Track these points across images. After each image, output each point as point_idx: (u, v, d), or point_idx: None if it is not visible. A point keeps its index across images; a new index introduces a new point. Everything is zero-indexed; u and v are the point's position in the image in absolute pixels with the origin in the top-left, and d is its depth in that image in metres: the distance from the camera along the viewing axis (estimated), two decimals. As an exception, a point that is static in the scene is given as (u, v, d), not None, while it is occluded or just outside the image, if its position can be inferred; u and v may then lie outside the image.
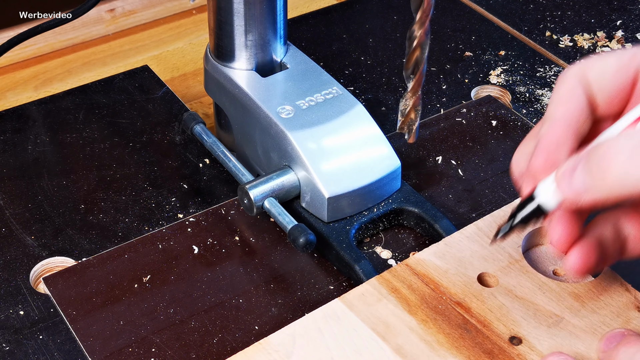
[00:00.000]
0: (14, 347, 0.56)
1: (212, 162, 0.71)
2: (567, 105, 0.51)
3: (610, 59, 0.51)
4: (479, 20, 0.88)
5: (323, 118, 0.63)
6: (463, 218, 0.65)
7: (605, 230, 0.52)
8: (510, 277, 0.55)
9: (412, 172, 0.69)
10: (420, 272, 0.56)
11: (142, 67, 0.80)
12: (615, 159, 0.44)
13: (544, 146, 0.50)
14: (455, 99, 0.78)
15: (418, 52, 0.52)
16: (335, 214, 0.62)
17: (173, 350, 0.56)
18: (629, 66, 0.50)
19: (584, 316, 0.52)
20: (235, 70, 0.67)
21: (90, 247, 0.63)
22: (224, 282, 0.60)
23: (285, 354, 0.51)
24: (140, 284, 0.60)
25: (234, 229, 0.64)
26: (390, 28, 0.87)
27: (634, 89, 0.51)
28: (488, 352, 0.51)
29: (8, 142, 0.72)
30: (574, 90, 0.51)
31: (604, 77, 0.51)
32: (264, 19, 0.65)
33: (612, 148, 0.44)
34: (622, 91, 0.51)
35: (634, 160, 0.43)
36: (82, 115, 0.75)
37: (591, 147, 0.46)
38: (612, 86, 0.51)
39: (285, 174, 0.63)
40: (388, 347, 0.51)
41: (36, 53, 0.86)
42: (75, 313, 0.58)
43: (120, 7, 0.89)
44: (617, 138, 0.44)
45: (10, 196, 0.67)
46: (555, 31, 0.87)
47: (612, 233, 0.52)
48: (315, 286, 0.60)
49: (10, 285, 0.60)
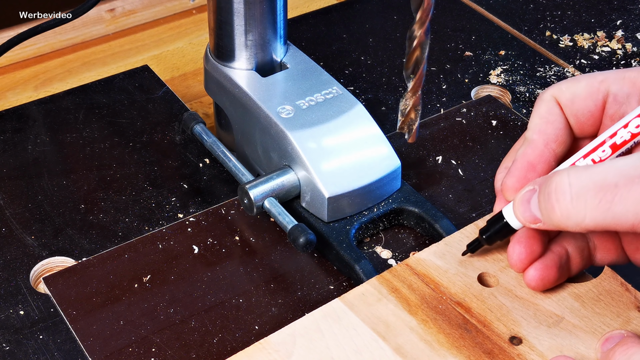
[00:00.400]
0: (14, 347, 0.56)
1: (212, 162, 0.71)
2: (545, 126, 0.53)
3: (580, 84, 0.53)
4: (479, 20, 0.88)
5: (323, 118, 0.63)
6: (463, 218, 0.65)
7: (572, 243, 0.54)
8: (510, 277, 0.55)
9: (412, 172, 0.69)
10: (421, 272, 0.56)
11: (142, 67, 0.80)
12: (560, 200, 0.46)
13: (518, 167, 0.53)
14: (455, 98, 0.78)
15: (418, 51, 0.52)
16: (336, 214, 0.62)
17: (173, 350, 0.56)
18: (599, 90, 0.52)
19: (584, 316, 0.52)
20: (236, 70, 0.67)
21: (90, 247, 0.63)
22: (224, 282, 0.60)
23: (286, 353, 0.51)
24: (140, 284, 0.60)
25: (234, 228, 0.64)
26: (391, 28, 0.87)
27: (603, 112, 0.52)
28: (488, 352, 0.51)
29: (8, 141, 0.72)
30: (551, 111, 0.53)
31: (574, 102, 0.53)
32: (264, 18, 0.65)
33: (558, 188, 0.46)
34: (593, 116, 0.53)
35: (577, 201, 0.45)
36: (82, 115, 0.75)
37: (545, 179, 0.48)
38: (583, 110, 0.53)
39: (285, 174, 0.63)
40: (388, 347, 0.51)
41: (36, 53, 0.86)
42: (76, 313, 0.58)
43: (120, 7, 0.89)
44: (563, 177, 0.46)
45: (10, 196, 0.67)
46: (555, 31, 0.87)
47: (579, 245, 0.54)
48: (316, 286, 0.60)
49: (10, 285, 0.60)
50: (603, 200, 0.45)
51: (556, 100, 0.53)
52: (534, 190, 0.49)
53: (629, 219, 0.45)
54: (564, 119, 0.53)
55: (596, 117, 0.53)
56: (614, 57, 0.83)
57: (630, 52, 0.84)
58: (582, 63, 0.82)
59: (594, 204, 0.45)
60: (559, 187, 0.46)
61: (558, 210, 0.46)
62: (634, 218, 0.44)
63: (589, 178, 0.45)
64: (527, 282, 0.53)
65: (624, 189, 0.44)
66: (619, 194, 0.44)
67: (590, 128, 0.53)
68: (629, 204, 0.44)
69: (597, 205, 0.45)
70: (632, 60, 0.83)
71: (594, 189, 0.45)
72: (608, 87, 0.52)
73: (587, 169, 0.46)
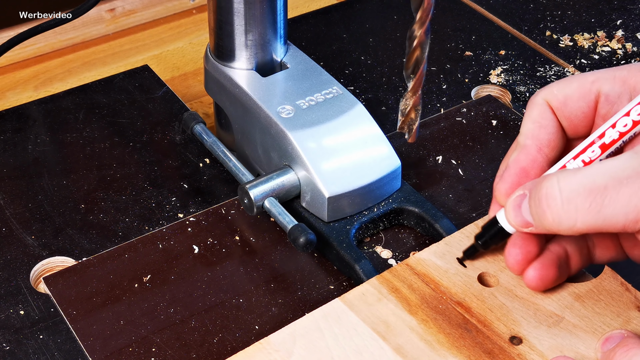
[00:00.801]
0: (14, 347, 0.56)
1: (212, 161, 0.71)
2: (538, 131, 0.53)
3: (572, 85, 0.53)
4: (479, 20, 0.88)
5: (323, 118, 0.63)
6: (463, 218, 0.65)
7: (571, 241, 0.54)
8: (510, 277, 0.55)
9: (412, 172, 0.69)
10: (421, 271, 0.56)
11: (142, 66, 0.80)
12: (551, 206, 0.47)
13: (511, 173, 0.53)
14: (456, 98, 0.78)
15: (418, 51, 0.52)
16: (336, 214, 0.62)
17: (173, 350, 0.56)
18: (591, 91, 0.52)
19: (584, 316, 0.52)
20: (236, 69, 0.67)
21: (90, 246, 0.63)
22: (224, 282, 0.60)
23: (286, 353, 0.51)
24: (140, 284, 0.60)
25: (234, 228, 0.64)
26: (391, 28, 0.87)
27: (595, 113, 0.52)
28: (488, 351, 0.51)
29: (8, 141, 0.72)
30: (543, 115, 0.53)
31: (566, 104, 0.53)
32: (264, 18, 0.65)
33: (548, 193, 0.47)
34: (586, 117, 0.53)
35: (568, 206, 0.46)
36: (82, 115, 0.75)
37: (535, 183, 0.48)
38: (576, 112, 0.53)
39: (285, 174, 0.63)
40: (388, 347, 0.51)
41: (36, 53, 0.86)
42: (76, 313, 0.58)
43: (121, 6, 0.89)
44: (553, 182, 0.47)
45: (10, 196, 0.67)
46: (556, 31, 0.87)
47: (578, 243, 0.54)
48: (316, 286, 0.60)
49: (11, 285, 0.60)
50: (593, 204, 0.45)
51: (548, 104, 0.53)
52: (524, 195, 0.49)
53: (619, 221, 0.45)
54: (557, 122, 0.53)
55: (589, 117, 0.53)
56: (614, 57, 0.83)
57: (630, 51, 0.84)
58: (582, 63, 0.82)
59: (585, 207, 0.45)
60: (549, 192, 0.46)
61: (550, 215, 0.47)
62: (625, 219, 0.45)
63: (578, 182, 0.46)
64: (526, 283, 0.53)
65: (613, 191, 0.45)
66: (608, 197, 0.45)
67: (584, 129, 0.53)
68: (618, 206, 0.45)
69: (588, 208, 0.45)
70: (632, 60, 0.83)
71: (584, 193, 0.45)
72: (600, 87, 0.52)
73: (576, 173, 0.46)
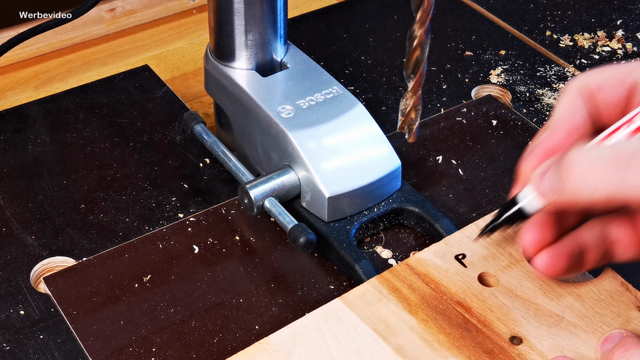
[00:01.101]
0: (14, 347, 0.56)
1: (213, 161, 0.71)
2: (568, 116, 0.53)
3: (609, 72, 0.53)
4: (479, 20, 0.88)
5: (323, 118, 0.64)
6: (463, 218, 0.65)
7: (590, 235, 0.53)
8: (510, 277, 0.55)
9: (412, 172, 0.69)
10: (421, 271, 0.56)
11: (143, 66, 0.80)
12: (575, 169, 0.46)
13: (538, 152, 0.52)
14: (456, 98, 0.78)
15: (418, 51, 0.52)
16: (336, 214, 0.62)
17: (173, 350, 0.56)
18: (626, 80, 0.52)
19: (584, 316, 0.52)
20: (236, 69, 0.67)
21: (90, 246, 0.63)
22: (224, 282, 0.60)
23: (286, 353, 0.51)
24: (140, 284, 0.60)
25: (234, 228, 0.64)
26: (391, 28, 0.87)
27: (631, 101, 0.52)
28: (488, 351, 0.51)
29: (8, 141, 0.72)
30: (574, 102, 0.53)
31: (603, 89, 0.53)
32: (264, 18, 0.65)
33: (576, 157, 0.47)
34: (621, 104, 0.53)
35: (591, 171, 0.46)
36: (83, 115, 0.75)
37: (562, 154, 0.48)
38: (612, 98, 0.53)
39: (285, 174, 0.63)
40: (388, 347, 0.51)
41: (36, 53, 0.86)
42: (76, 313, 0.58)
43: (121, 6, 0.89)
44: (583, 149, 0.47)
45: (10, 196, 0.67)
46: (556, 31, 0.87)
47: (596, 237, 0.54)
48: (316, 286, 0.60)
49: (11, 285, 0.60)
50: (617, 173, 0.45)
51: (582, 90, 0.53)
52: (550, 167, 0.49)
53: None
54: (587, 111, 0.53)
55: (621, 107, 0.52)
56: (615, 56, 0.83)
57: (630, 51, 0.84)
58: (583, 63, 0.82)
59: (608, 175, 0.45)
60: (575, 157, 0.47)
61: (572, 178, 0.46)
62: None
63: (603, 152, 0.46)
64: (535, 267, 0.53)
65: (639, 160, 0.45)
66: (633, 165, 0.45)
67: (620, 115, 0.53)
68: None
69: (611, 177, 0.45)
70: (632, 60, 0.83)
71: (608, 161, 0.45)
72: (635, 77, 0.52)
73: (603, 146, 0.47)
